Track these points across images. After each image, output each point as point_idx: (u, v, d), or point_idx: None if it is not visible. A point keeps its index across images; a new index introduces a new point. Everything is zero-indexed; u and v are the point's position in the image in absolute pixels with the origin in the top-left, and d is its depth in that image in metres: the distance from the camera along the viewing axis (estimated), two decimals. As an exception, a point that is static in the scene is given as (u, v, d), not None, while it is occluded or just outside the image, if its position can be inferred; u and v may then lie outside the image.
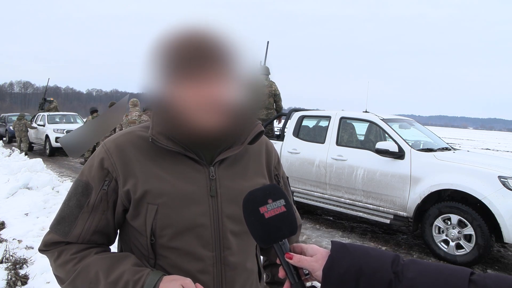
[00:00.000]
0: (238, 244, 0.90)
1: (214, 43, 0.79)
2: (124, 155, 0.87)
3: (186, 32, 0.80)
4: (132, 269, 0.80)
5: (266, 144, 1.03)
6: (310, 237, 4.95)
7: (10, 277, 3.18)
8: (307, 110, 6.04)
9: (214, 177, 0.89)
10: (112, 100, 10.17)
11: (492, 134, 75.05)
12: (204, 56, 0.78)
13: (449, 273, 0.65)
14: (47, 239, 0.89)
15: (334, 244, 0.72)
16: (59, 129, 13.32)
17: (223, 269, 0.88)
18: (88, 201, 0.86)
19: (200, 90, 0.79)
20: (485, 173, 4.09)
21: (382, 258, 0.69)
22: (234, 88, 0.83)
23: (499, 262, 4.40)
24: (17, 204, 5.49)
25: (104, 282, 0.80)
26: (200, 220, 0.86)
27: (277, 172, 1.05)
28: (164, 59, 0.80)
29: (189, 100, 0.80)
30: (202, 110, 0.80)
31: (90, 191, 0.86)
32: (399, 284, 0.66)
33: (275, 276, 1.12)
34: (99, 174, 0.86)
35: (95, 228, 0.87)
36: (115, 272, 0.80)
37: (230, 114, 0.84)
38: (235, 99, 0.84)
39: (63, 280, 0.86)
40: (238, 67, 0.82)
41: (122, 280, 0.79)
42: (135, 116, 7.68)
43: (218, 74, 0.79)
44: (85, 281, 0.83)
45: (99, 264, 0.83)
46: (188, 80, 0.79)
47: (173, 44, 0.79)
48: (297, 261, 0.72)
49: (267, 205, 0.72)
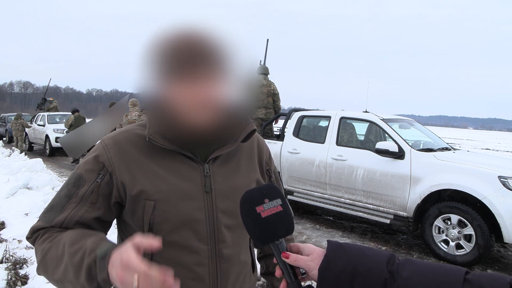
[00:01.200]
0: (232, 237, 0.94)
1: (207, 43, 0.80)
2: (122, 151, 0.89)
3: (180, 32, 0.81)
4: (95, 240, 0.79)
5: (258, 141, 1.07)
6: (310, 237, 4.95)
7: (10, 277, 3.18)
8: (307, 110, 6.04)
9: (209, 174, 0.92)
10: (112, 100, 10.18)
11: (492, 134, 75.05)
12: (197, 55, 0.79)
13: (444, 272, 0.65)
14: (33, 226, 0.90)
15: (330, 243, 0.73)
16: (59, 129, 13.33)
17: (218, 261, 0.92)
18: (78, 192, 0.87)
19: (192, 89, 0.81)
20: (485, 173, 4.09)
21: (378, 258, 0.69)
22: (227, 87, 0.85)
23: (499, 262, 4.40)
24: (17, 204, 5.49)
25: (67, 252, 0.79)
26: (196, 215, 0.89)
27: (269, 167, 1.08)
28: (158, 59, 0.82)
29: (183, 99, 0.82)
30: (195, 108, 0.82)
31: (82, 183, 0.87)
32: (394, 283, 0.66)
33: (269, 267, 1.16)
34: (94, 167, 0.88)
35: (79, 219, 0.87)
36: (79, 243, 0.79)
37: (223, 112, 0.87)
38: (228, 98, 0.86)
39: (38, 260, 0.86)
40: (231, 66, 0.84)
41: (81, 249, 0.77)
42: (134, 116, 7.68)
43: (211, 74, 0.81)
44: (53, 256, 0.82)
45: (68, 236, 0.82)
46: (181, 80, 0.80)
47: (167, 44, 0.81)
48: (294, 261, 0.72)
49: (264, 205, 0.73)
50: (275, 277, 1.14)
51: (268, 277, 1.17)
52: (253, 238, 0.74)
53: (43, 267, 0.85)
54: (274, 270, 1.14)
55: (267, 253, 1.17)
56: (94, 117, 10.47)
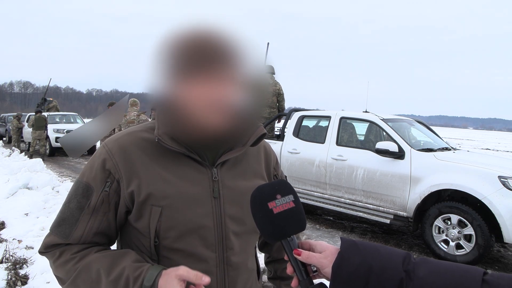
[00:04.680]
0: (240, 244, 0.91)
1: (221, 43, 0.79)
2: (127, 156, 0.86)
3: (193, 33, 0.80)
4: (132, 265, 0.80)
5: (265, 145, 1.05)
6: (310, 237, 4.95)
7: (10, 277, 3.18)
8: (307, 110, 6.03)
9: (217, 179, 0.89)
10: (111, 100, 10.18)
11: (492, 134, 75.03)
12: (211, 57, 0.78)
13: (462, 273, 0.64)
14: (47, 241, 0.88)
15: (344, 241, 0.71)
16: (59, 129, 13.33)
17: (226, 269, 0.89)
18: (89, 203, 0.85)
19: (206, 91, 0.79)
20: (485, 173, 4.09)
21: (393, 256, 0.68)
22: (239, 89, 0.83)
23: (499, 262, 4.40)
24: (17, 204, 5.48)
25: (105, 280, 0.80)
26: (203, 221, 0.86)
27: (276, 173, 1.06)
28: (171, 59, 0.80)
29: (195, 100, 0.80)
30: (207, 110, 0.80)
31: (91, 192, 0.85)
32: (410, 283, 0.65)
33: (278, 272, 1.14)
34: (101, 175, 0.85)
35: (97, 230, 0.86)
36: (116, 269, 0.80)
37: (235, 115, 0.84)
38: (240, 101, 0.84)
39: (64, 281, 0.86)
40: (244, 68, 0.82)
41: (123, 277, 0.78)
42: (133, 116, 7.67)
43: (224, 75, 0.80)
44: (87, 280, 0.82)
45: (100, 262, 0.82)
46: (194, 81, 0.79)
47: (180, 44, 0.79)
48: (306, 258, 0.71)
49: (276, 201, 0.71)
50: (283, 282, 1.13)
51: (276, 281, 1.15)
52: (264, 235, 0.73)
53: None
54: (282, 274, 1.13)
55: (275, 257, 1.15)
56: (94, 117, 10.49)
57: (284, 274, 1.12)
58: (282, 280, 1.13)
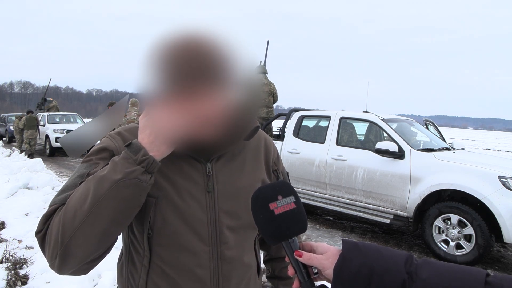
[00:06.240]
0: (235, 238, 0.91)
1: (211, 53, 0.77)
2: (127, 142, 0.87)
3: (183, 41, 0.77)
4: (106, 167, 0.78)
5: (265, 140, 1.04)
6: (310, 237, 4.95)
7: (10, 277, 3.18)
8: (307, 110, 6.04)
9: (211, 173, 0.90)
10: (111, 100, 10.18)
11: (492, 134, 75.03)
12: (201, 69, 0.76)
13: (464, 274, 0.64)
14: (47, 211, 0.82)
15: (346, 242, 0.71)
16: (59, 129, 13.34)
17: (220, 263, 0.89)
18: (90, 172, 0.83)
19: (195, 104, 0.77)
20: (485, 173, 4.09)
21: (395, 258, 0.68)
22: (231, 94, 0.82)
23: (499, 262, 4.40)
24: (17, 204, 5.49)
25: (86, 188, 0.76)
26: (197, 214, 0.87)
27: (276, 168, 1.05)
28: (160, 67, 0.78)
29: (185, 112, 0.78)
30: (197, 123, 0.79)
31: (94, 166, 0.85)
32: (412, 285, 0.64)
33: (276, 271, 1.14)
34: (103, 154, 0.87)
35: None
36: (94, 177, 0.77)
37: (227, 123, 0.84)
38: (233, 105, 0.84)
39: (56, 228, 0.77)
40: (236, 75, 0.81)
41: (103, 174, 0.76)
42: (133, 116, 7.68)
43: (215, 87, 0.77)
44: (73, 203, 0.76)
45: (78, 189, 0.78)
46: (184, 93, 0.77)
47: (169, 53, 0.77)
48: (307, 259, 0.71)
49: (277, 202, 0.71)
50: (281, 281, 1.13)
51: (274, 280, 1.15)
52: (265, 236, 0.72)
53: (67, 220, 0.75)
54: (280, 273, 1.12)
55: (273, 256, 1.15)
56: (94, 117, 10.51)
57: (282, 273, 1.12)
58: (280, 279, 1.13)
